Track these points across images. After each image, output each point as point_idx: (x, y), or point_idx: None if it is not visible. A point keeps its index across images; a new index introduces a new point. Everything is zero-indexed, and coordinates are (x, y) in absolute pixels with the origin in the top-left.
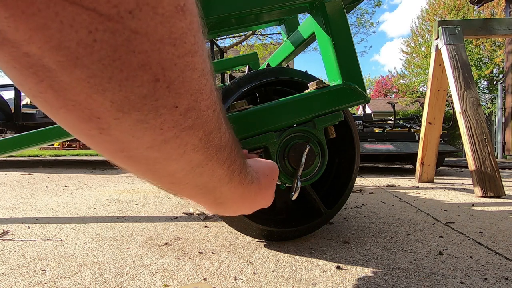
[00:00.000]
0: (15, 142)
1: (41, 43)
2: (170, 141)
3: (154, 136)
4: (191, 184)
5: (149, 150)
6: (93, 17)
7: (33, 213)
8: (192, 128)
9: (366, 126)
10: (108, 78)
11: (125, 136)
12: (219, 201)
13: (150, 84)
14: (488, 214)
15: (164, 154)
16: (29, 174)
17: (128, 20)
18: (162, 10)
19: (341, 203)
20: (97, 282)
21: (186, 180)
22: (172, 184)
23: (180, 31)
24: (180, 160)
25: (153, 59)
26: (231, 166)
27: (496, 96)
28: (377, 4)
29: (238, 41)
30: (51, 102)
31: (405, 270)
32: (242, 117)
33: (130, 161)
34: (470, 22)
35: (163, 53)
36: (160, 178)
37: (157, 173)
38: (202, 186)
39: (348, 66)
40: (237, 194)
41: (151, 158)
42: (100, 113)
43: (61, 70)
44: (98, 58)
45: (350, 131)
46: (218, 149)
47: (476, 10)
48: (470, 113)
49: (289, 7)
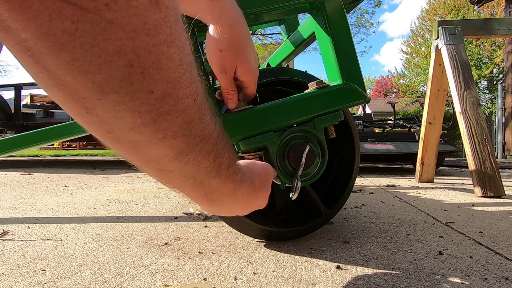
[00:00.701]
0: (15, 142)
1: (34, 31)
2: (149, 124)
3: (133, 118)
4: (178, 173)
5: (131, 132)
6: (75, 10)
7: (33, 213)
8: (169, 114)
9: (366, 126)
10: (89, 62)
11: (108, 117)
12: (210, 197)
13: (125, 69)
14: (488, 214)
15: (144, 137)
16: (29, 174)
17: (104, 12)
18: (136, 3)
19: (341, 203)
20: (97, 282)
21: (172, 168)
22: (159, 171)
23: (154, 22)
24: (161, 144)
25: (128, 46)
26: (217, 159)
27: (496, 96)
28: (377, 4)
29: None
30: (46, 81)
31: (405, 270)
32: (242, 117)
33: (118, 143)
34: (470, 22)
35: (137, 41)
36: (147, 162)
37: (143, 157)
38: (189, 176)
39: (348, 66)
40: (227, 191)
41: (134, 141)
42: (84, 93)
43: (50, 53)
44: (79, 44)
45: (350, 131)
46: (201, 139)
47: (476, 10)
48: (470, 113)
49: (289, 7)
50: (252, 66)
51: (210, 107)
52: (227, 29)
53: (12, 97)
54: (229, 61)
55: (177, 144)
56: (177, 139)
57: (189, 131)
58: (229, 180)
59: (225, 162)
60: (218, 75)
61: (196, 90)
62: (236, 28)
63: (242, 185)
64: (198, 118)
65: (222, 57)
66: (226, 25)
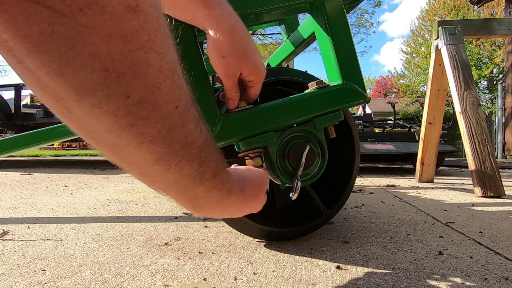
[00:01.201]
0: (15, 142)
1: (13, 32)
2: (126, 128)
3: (109, 121)
4: (160, 177)
5: (109, 134)
6: (51, 13)
7: (33, 213)
8: (147, 119)
9: (366, 126)
10: (65, 64)
11: (86, 118)
12: (195, 204)
13: (101, 73)
14: (488, 214)
15: (123, 140)
16: (29, 174)
17: (79, 17)
18: (111, 9)
19: (341, 203)
20: (97, 282)
21: (153, 172)
22: (142, 175)
23: (131, 29)
24: (140, 149)
25: (102, 51)
26: (201, 167)
27: (496, 96)
28: (377, 4)
29: None
30: (29, 80)
31: (405, 270)
32: (242, 117)
33: (97, 143)
34: (470, 22)
35: (112, 46)
36: (128, 165)
37: (124, 159)
38: (172, 182)
39: (348, 66)
40: (213, 199)
41: (114, 143)
42: (63, 94)
43: (29, 54)
44: (56, 46)
45: (350, 131)
46: (183, 146)
47: (476, 10)
48: (470, 113)
49: (289, 7)
50: (258, 65)
51: (195, 114)
52: (226, 35)
53: (12, 97)
54: (232, 66)
55: (157, 150)
56: (157, 145)
57: (169, 137)
58: (214, 189)
59: (210, 170)
60: (223, 80)
61: (178, 97)
62: (235, 33)
63: (230, 195)
64: (180, 125)
65: (225, 63)
66: (225, 32)
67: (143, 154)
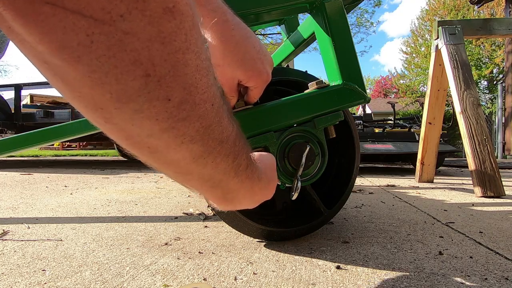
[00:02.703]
0: (15, 142)
1: (49, 44)
2: (167, 131)
3: (151, 125)
4: (196, 175)
5: (150, 138)
6: (90, 23)
7: (33, 213)
8: (187, 120)
9: (366, 126)
10: (106, 73)
11: (126, 125)
12: (228, 196)
13: (142, 79)
14: (488, 214)
15: (163, 143)
16: (29, 174)
17: (119, 23)
18: (150, 12)
19: (341, 203)
20: (97, 282)
21: (190, 170)
22: (177, 174)
23: (169, 30)
24: (179, 149)
25: (143, 56)
26: (235, 160)
27: (496, 96)
28: (377, 4)
29: None
30: (64, 92)
31: (405, 270)
32: (242, 117)
33: (136, 148)
34: (470, 22)
35: (153, 50)
36: (165, 165)
37: (162, 161)
38: (207, 178)
39: (348, 66)
40: (245, 189)
41: (153, 146)
42: (102, 103)
43: (66, 66)
44: (96, 56)
45: (350, 131)
46: (219, 142)
47: (476, 10)
48: (470, 113)
49: (289, 7)
50: (257, 72)
51: (227, 110)
52: (219, 43)
53: (12, 97)
54: (227, 74)
55: (196, 148)
56: (195, 144)
57: (207, 135)
58: (247, 179)
59: (243, 162)
60: (221, 85)
61: (213, 95)
62: (229, 40)
63: (259, 182)
64: (216, 122)
65: (220, 72)
66: (218, 39)
67: (182, 154)
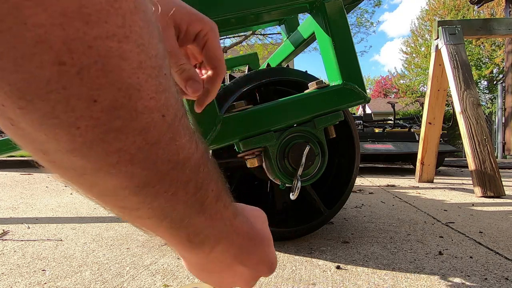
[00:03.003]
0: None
1: None
2: (94, 146)
3: (69, 136)
4: (147, 212)
5: (70, 155)
6: None
7: (33, 213)
8: (123, 132)
9: (366, 126)
10: (0, 54)
11: (37, 133)
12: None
13: (53, 67)
14: (488, 214)
15: (91, 163)
16: (29, 174)
17: None
18: None
19: (341, 203)
20: (97, 282)
21: (136, 205)
22: (121, 209)
23: (96, 7)
24: (114, 172)
25: (54, 36)
26: (199, 191)
27: (496, 96)
28: (377, 4)
29: (238, 41)
30: None
31: (405, 270)
32: (242, 117)
33: (56, 168)
34: (470, 22)
35: (69, 30)
36: (100, 197)
37: (93, 189)
38: (161, 215)
39: (348, 66)
40: (217, 230)
41: (78, 167)
42: (1, 99)
43: None
44: None
45: (350, 131)
46: (173, 165)
47: (476, 10)
48: (470, 113)
49: (289, 7)
50: (195, 13)
51: (188, 124)
52: None
53: None
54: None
55: (138, 172)
56: (137, 166)
57: (154, 155)
58: (218, 215)
59: (211, 194)
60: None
61: (166, 103)
62: None
63: (234, 220)
64: (168, 139)
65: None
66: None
67: (120, 179)
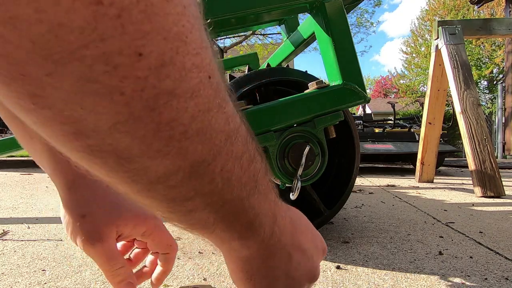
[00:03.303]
0: (15, 142)
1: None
2: (143, 117)
3: (113, 106)
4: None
5: (115, 132)
6: None
7: (33, 213)
8: (174, 95)
9: (366, 126)
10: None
11: (70, 107)
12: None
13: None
14: (488, 214)
15: (139, 142)
16: (29, 174)
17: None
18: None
19: (341, 203)
20: (97, 282)
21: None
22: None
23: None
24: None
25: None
26: (252, 164)
27: (496, 96)
28: (377, 4)
29: (238, 41)
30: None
31: (405, 270)
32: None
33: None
34: (470, 22)
35: None
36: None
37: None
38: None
39: (348, 66)
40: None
41: (122, 150)
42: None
43: None
44: None
45: (350, 131)
46: (227, 137)
47: (476, 10)
48: (470, 113)
49: (289, 7)
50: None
51: (229, 91)
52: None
53: None
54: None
55: (193, 148)
56: (191, 139)
57: (208, 125)
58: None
59: (260, 166)
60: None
61: (210, 62)
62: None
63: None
64: (217, 105)
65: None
66: None
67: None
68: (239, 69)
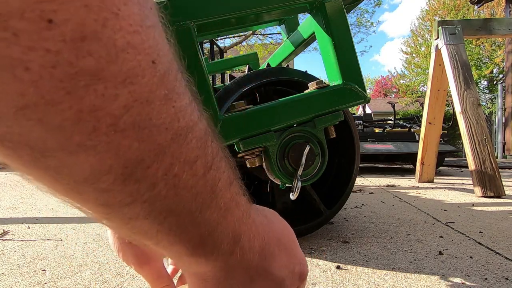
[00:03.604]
0: None
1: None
2: (56, 102)
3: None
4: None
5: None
6: None
7: (33, 213)
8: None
9: (366, 126)
10: None
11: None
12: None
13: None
14: (488, 214)
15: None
16: None
17: None
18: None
19: (341, 203)
20: (97, 282)
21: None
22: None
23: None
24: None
25: None
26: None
27: (496, 96)
28: (377, 4)
29: (238, 41)
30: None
31: (405, 270)
32: (242, 117)
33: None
34: (470, 22)
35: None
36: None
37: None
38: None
39: (348, 66)
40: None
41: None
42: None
43: None
44: None
45: (350, 131)
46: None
47: (476, 10)
48: (470, 113)
49: (289, 7)
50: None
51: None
52: None
53: None
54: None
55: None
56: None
57: (147, 119)
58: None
59: (223, 175)
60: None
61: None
62: None
63: (252, 211)
64: (162, 97)
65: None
66: None
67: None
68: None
